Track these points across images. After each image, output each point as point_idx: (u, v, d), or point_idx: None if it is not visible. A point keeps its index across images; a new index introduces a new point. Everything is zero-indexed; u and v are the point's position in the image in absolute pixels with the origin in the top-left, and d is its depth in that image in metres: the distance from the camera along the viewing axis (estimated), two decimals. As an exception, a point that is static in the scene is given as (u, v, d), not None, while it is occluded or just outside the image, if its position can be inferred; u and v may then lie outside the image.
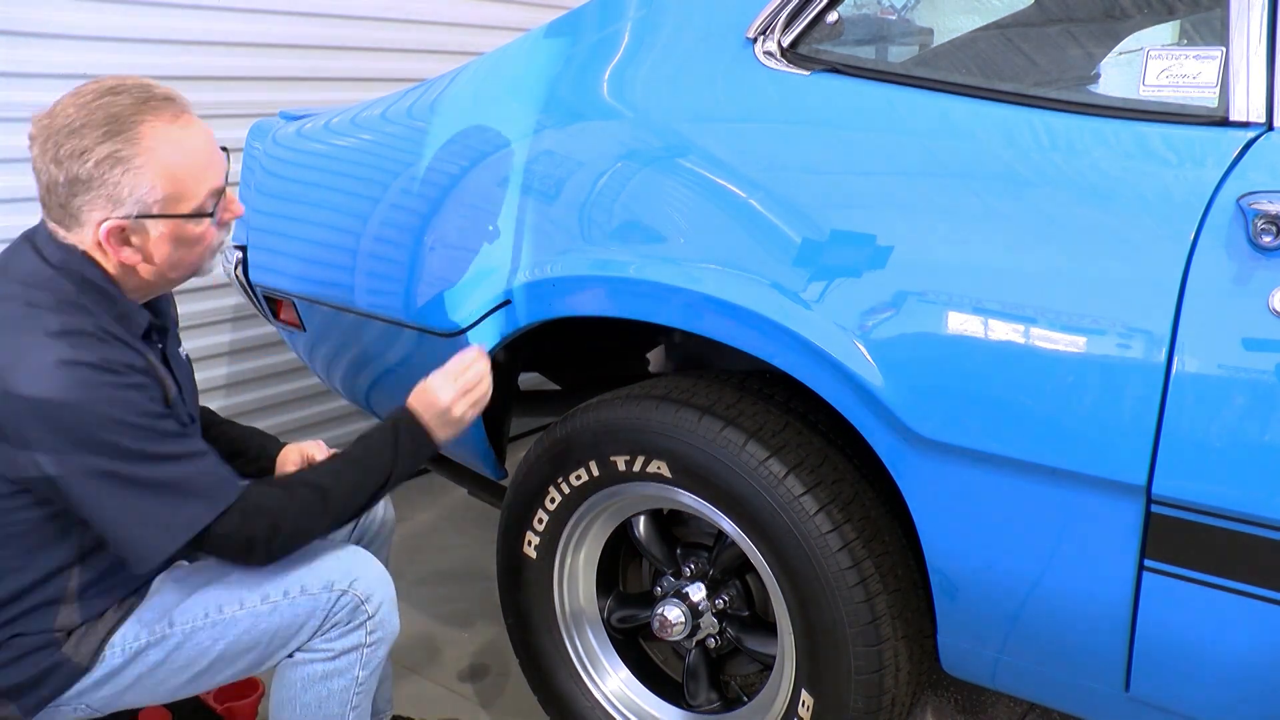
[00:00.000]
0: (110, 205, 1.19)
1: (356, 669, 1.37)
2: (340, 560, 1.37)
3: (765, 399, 1.44)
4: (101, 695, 1.31)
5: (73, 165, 1.17)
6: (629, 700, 1.69)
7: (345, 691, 1.37)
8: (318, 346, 2.02)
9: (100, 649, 1.28)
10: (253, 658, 1.34)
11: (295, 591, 1.32)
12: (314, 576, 1.33)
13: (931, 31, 1.59)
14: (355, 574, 1.35)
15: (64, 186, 1.19)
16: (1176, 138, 1.11)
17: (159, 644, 1.30)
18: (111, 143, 1.17)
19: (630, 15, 1.56)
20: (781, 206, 1.30)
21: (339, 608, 1.34)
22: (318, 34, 2.58)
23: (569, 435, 1.55)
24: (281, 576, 1.33)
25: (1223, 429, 1.02)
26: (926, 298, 1.18)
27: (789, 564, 1.35)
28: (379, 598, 1.37)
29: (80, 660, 1.27)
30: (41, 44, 2.09)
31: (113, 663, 1.29)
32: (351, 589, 1.34)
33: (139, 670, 1.31)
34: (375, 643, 1.38)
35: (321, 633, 1.34)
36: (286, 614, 1.32)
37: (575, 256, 1.47)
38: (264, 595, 1.32)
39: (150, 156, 1.18)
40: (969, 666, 1.34)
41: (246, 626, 1.31)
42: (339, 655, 1.35)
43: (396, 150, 1.77)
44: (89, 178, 1.17)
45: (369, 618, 1.36)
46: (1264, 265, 1.01)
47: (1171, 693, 1.15)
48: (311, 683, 1.36)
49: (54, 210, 1.22)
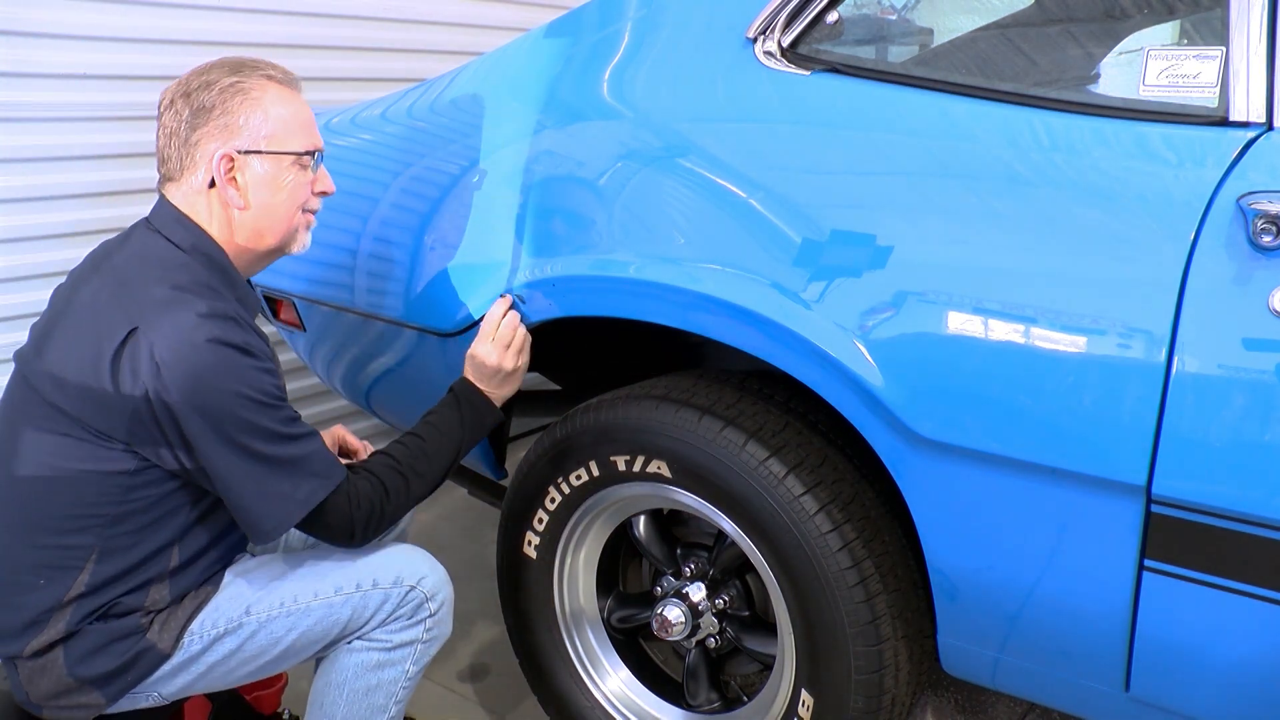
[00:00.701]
0: (226, 134, 1.30)
1: (408, 663, 1.42)
2: (409, 557, 1.43)
3: (765, 399, 1.44)
4: (176, 684, 1.35)
5: (199, 95, 1.30)
6: (629, 700, 1.69)
7: (393, 684, 1.42)
8: (318, 346, 2.02)
9: (181, 635, 1.33)
10: (319, 647, 1.39)
11: (367, 584, 1.38)
12: (385, 570, 1.39)
13: (931, 31, 1.59)
14: (423, 572, 1.42)
15: (188, 121, 1.30)
16: (1176, 138, 1.11)
17: (235, 631, 1.35)
18: (235, 75, 1.31)
19: (630, 15, 1.56)
20: (781, 206, 1.30)
21: (406, 602, 1.39)
22: (318, 34, 2.58)
23: (569, 435, 1.55)
24: (353, 569, 1.39)
25: (1222, 429, 1.02)
26: (926, 298, 1.18)
27: (789, 564, 1.35)
28: (442, 597, 1.43)
29: (164, 647, 1.32)
30: (41, 44, 2.09)
31: (191, 649, 1.34)
32: (419, 585, 1.40)
33: (214, 657, 1.35)
34: (430, 640, 1.43)
35: (384, 624, 1.39)
36: (358, 605, 1.37)
37: (575, 256, 1.47)
38: (337, 587, 1.37)
39: (265, 93, 1.32)
40: (969, 666, 1.34)
41: (320, 616, 1.36)
42: (396, 648, 1.40)
43: (396, 150, 1.77)
44: (211, 105, 1.30)
45: (430, 615, 1.41)
46: (1264, 265, 1.01)
47: (1171, 693, 1.15)
48: (364, 670, 1.40)
49: (171, 162, 1.34)
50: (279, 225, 1.36)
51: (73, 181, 2.20)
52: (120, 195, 2.26)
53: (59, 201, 2.18)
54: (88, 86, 2.17)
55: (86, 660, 1.28)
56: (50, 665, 1.28)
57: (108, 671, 1.29)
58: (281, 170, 1.33)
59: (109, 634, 1.29)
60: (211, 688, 1.40)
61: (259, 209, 1.33)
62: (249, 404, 1.24)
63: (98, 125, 2.21)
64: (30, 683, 1.30)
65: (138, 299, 1.25)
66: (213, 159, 1.30)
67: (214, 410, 1.22)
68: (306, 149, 1.36)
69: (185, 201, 1.33)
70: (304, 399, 2.76)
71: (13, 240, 2.13)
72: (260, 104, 1.31)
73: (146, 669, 1.32)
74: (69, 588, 1.28)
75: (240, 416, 1.23)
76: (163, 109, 1.34)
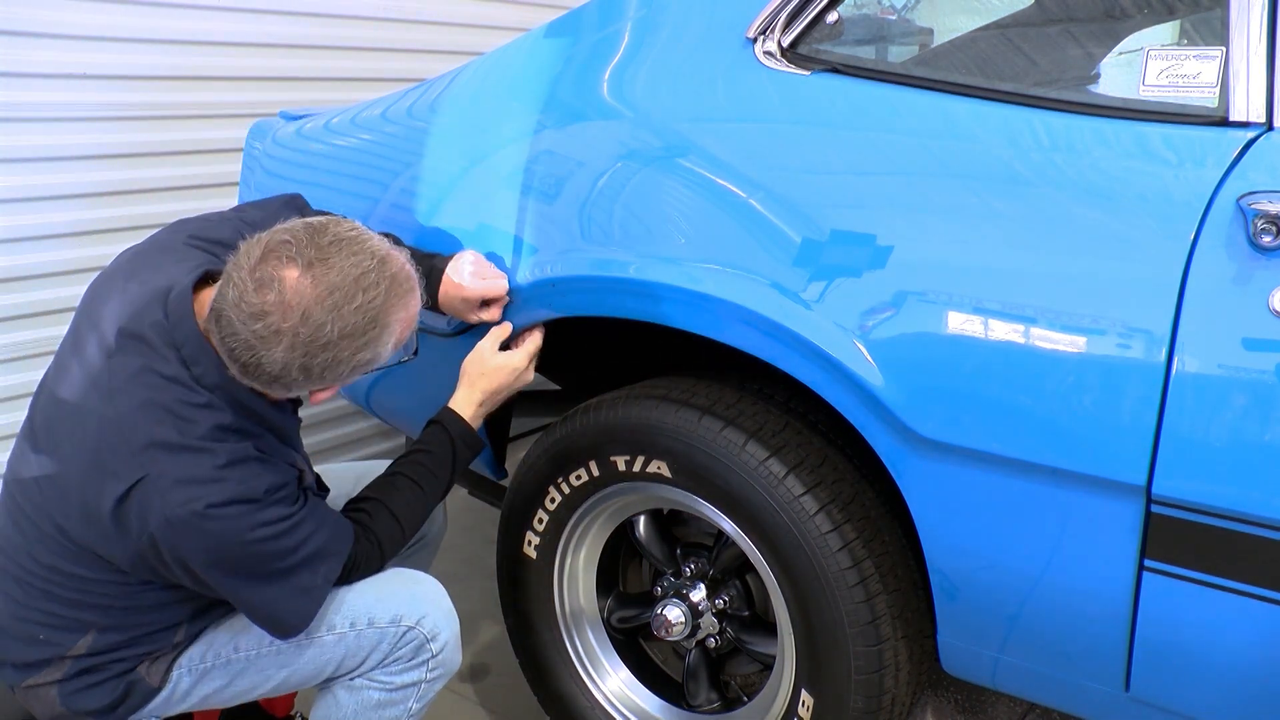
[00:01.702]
0: (339, 382, 1.20)
1: (411, 701, 1.36)
2: (411, 593, 1.36)
3: (765, 399, 1.44)
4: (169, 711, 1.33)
5: (322, 371, 1.15)
6: (629, 700, 1.69)
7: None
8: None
9: (169, 671, 1.31)
10: (312, 683, 1.36)
11: (363, 624, 1.32)
12: (383, 609, 1.33)
13: (931, 31, 1.59)
14: (424, 610, 1.35)
15: (300, 382, 1.16)
16: (1176, 138, 1.11)
17: (224, 667, 1.32)
18: (367, 350, 1.16)
19: (630, 15, 1.56)
20: (781, 206, 1.30)
21: (404, 643, 1.33)
22: (318, 34, 2.58)
23: (569, 435, 1.55)
24: (350, 607, 1.32)
25: (1222, 429, 1.02)
26: (926, 298, 1.18)
27: (789, 564, 1.35)
28: (445, 636, 1.36)
29: (151, 681, 1.29)
30: (41, 44, 2.09)
31: (180, 683, 1.31)
32: (419, 626, 1.33)
33: (204, 692, 1.33)
34: (434, 679, 1.37)
35: (383, 665, 1.33)
36: (352, 645, 1.32)
37: (575, 256, 1.47)
38: (330, 626, 1.31)
39: (394, 338, 1.19)
40: (969, 666, 1.34)
41: (311, 656, 1.32)
42: (398, 689, 1.34)
43: (397, 150, 1.77)
44: (339, 376, 1.17)
45: (432, 656, 1.35)
46: (1264, 265, 1.01)
47: (1171, 693, 1.15)
48: (364, 709, 1.35)
49: (260, 376, 1.14)
50: None
51: (73, 181, 2.20)
52: (120, 195, 2.26)
53: (59, 201, 2.18)
54: (88, 86, 2.17)
55: (78, 695, 1.27)
56: (44, 697, 1.28)
57: (99, 707, 1.28)
58: None
59: (101, 675, 1.28)
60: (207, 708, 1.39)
61: None
62: (263, 543, 1.18)
63: (98, 125, 2.21)
64: (28, 704, 1.30)
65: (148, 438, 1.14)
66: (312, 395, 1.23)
67: (228, 559, 1.17)
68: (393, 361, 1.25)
69: None
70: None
71: (13, 240, 2.13)
72: (388, 345, 1.19)
73: (138, 703, 1.30)
74: (68, 648, 1.26)
75: (255, 557, 1.18)
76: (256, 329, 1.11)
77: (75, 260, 2.19)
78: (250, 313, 1.10)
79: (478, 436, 1.47)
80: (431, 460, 1.43)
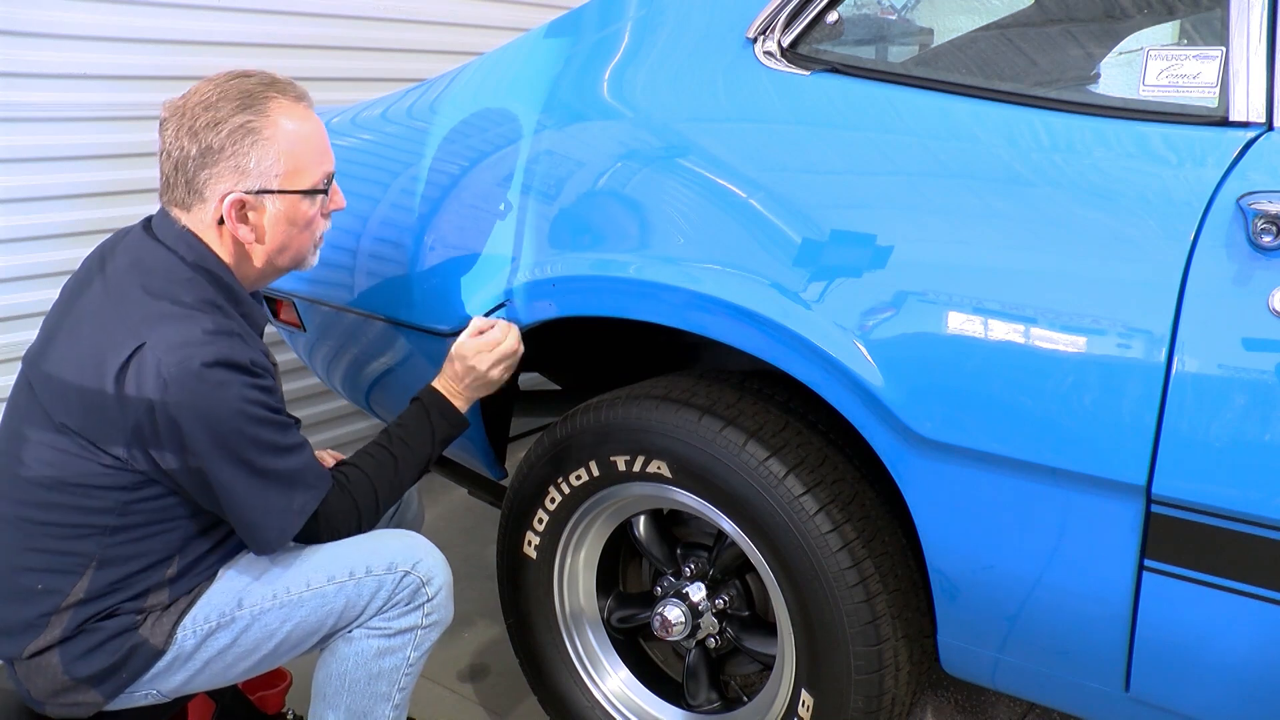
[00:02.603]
0: (236, 176, 1.28)
1: (409, 649, 1.40)
2: (403, 542, 1.41)
3: (765, 399, 1.44)
4: (174, 680, 1.34)
5: (207, 135, 1.26)
6: (629, 700, 1.69)
7: (395, 671, 1.39)
8: (318, 347, 2.02)
9: (173, 631, 1.32)
10: (317, 639, 1.37)
11: (360, 572, 1.35)
12: (378, 558, 1.37)
13: (931, 31, 1.59)
14: (418, 556, 1.39)
15: (195, 159, 1.27)
16: (1176, 138, 1.11)
17: (229, 626, 1.34)
18: (244, 114, 1.26)
19: (630, 15, 1.56)
20: (781, 206, 1.30)
21: (402, 588, 1.37)
22: (318, 34, 2.58)
23: (569, 435, 1.55)
24: (346, 557, 1.37)
25: (1223, 429, 1.02)
26: (926, 298, 1.18)
27: (789, 564, 1.35)
28: (439, 581, 1.40)
29: (156, 642, 1.31)
30: (41, 44, 2.09)
31: (184, 645, 1.32)
32: (415, 570, 1.38)
33: (209, 652, 1.34)
34: (431, 625, 1.41)
35: (382, 611, 1.37)
36: (352, 594, 1.35)
37: (575, 256, 1.47)
38: (330, 576, 1.35)
39: (277, 130, 1.28)
40: (969, 666, 1.34)
41: (314, 607, 1.34)
42: (395, 634, 1.38)
43: (396, 150, 1.77)
44: (220, 147, 1.26)
45: (428, 600, 1.39)
46: (1264, 265, 1.01)
47: (1171, 693, 1.15)
48: (366, 659, 1.38)
49: (178, 190, 1.30)
50: (291, 253, 1.37)
51: (73, 181, 2.19)
52: (120, 195, 2.26)
53: (59, 201, 2.18)
54: (88, 86, 2.17)
55: (81, 660, 1.28)
56: (46, 666, 1.29)
57: (102, 669, 1.29)
58: (295, 205, 1.32)
59: (103, 633, 1.29)
60: (212, 684, 1.39)
61: (272, 242, 1.33)
62: (252, 421, 1.25)
63: (98, 125, 2.21)
64: (29, 681, 1.30)
65: (143, 313, 1.24)
66: (223, 201, 1.28)
67: (219, 427, 1.23)
68: (320, 182, 1.34)
69: (193, 225, 1.31)
70: (304, 399, 2.76)
71: (13, 240, 2.13)
72: (273, 142, 1.28)
73: (141, 665, 1.31)
74: (67, 594, 1.27)
75: (244, 432, 1.24)
76: (164, 134, 1.30)
77: (75, 260, 2.14)
78: None
79: (456, 410, 1.50)
80: (406, 432, 1.48)
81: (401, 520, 1.69)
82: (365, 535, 1.41)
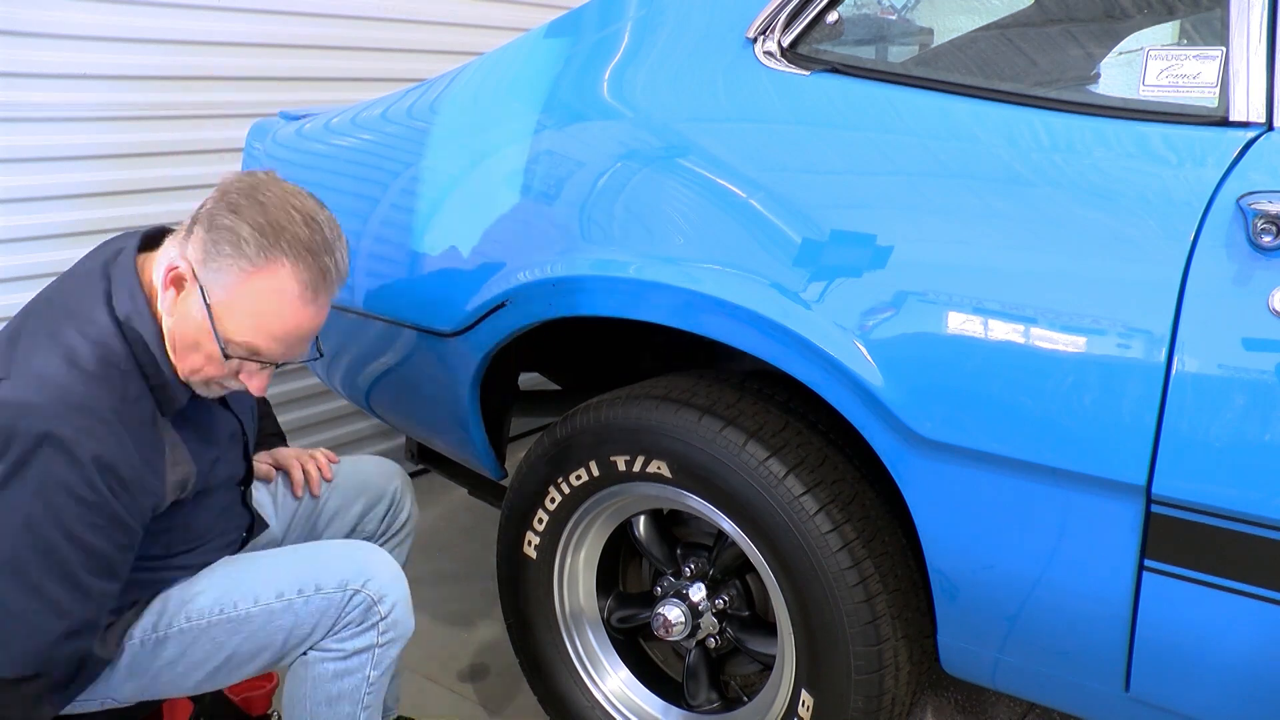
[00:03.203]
0: (203, 257, 1.19)
1: (368, 669, 1.38)
2: (355, 559, 1.38)
3: (765, 399, 1.44)
4: (127, 689, 1.33)
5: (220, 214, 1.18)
6: (629, 700, 1.69)
7: (356, 691, 1.38)
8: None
9: (122, 639, 1.30)
10: (268, 656, 1.35)
11: (310, 590, 1.34)
12: (329, 574, 1.35)
13: (931, 31, 1.59)
14: (370, 573, 1.36)
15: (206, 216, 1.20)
16: (1176, 138, 1.11)
17: (176, 637, 1.32)
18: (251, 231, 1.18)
19: (630, 15, 1.56)
20: (781, 206, 1.30)
21: (352, 607, 1.35)
22: (318, 34, 2.58)
23: (569, 435, 1.55)
24: (296, 573, 1.35)
25: (1222, 429, 1.02)
26: (926, 298, 1.18)
27: (789, 564, 1.35)
28: (393, 598, 1.37)
29: (104, 652, 1.29)
30: (41, 44, 2.09)
31: (132, 653, 1.31)
32: (365, 589, 1.35)
33: (159, 663, 1.32)
34: (388, 643, 1.39)
35: (334, 632, 1.35)
36: (300, 612, 1.33)
37: (575, 256, 1.47)
38: (278, 593, 1.33)
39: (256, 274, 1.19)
40: (969, 666, 1.34)
41: (261, 624, 1.33)
42: (351, 655, 1.36)
43: (396, 150, 1.77)
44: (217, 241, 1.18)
45: (381, 619, 1.37)
46: (1264, 265, 1.01)
47: (1171, 693, 1.15)
48: (323, 681, 1.37)
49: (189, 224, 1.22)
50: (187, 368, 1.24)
51: (73, 181, 2.19)
52: (120, 195, 2.26)
53: (59, 201, 2.18)
54: (88, 86, 2.17)
55: None
56: None
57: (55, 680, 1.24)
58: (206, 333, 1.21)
59: None
60: (169, 693, 1.38)
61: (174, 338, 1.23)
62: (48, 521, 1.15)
63: (98, 125, 2.21)
64: None
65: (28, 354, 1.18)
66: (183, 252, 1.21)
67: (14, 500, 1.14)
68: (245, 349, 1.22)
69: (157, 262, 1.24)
70: (304, 399, 2.76)
71: (13, 240, 2.13)
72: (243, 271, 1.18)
73: (91, 674, 1.28)
74: None
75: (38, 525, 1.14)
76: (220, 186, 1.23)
77: (75, 260, 2.19)
78: None
79: None
80: None
81: (393, 522, 1.68)
82: (320, 547, 1.40)
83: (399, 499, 1.68)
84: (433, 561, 2.52)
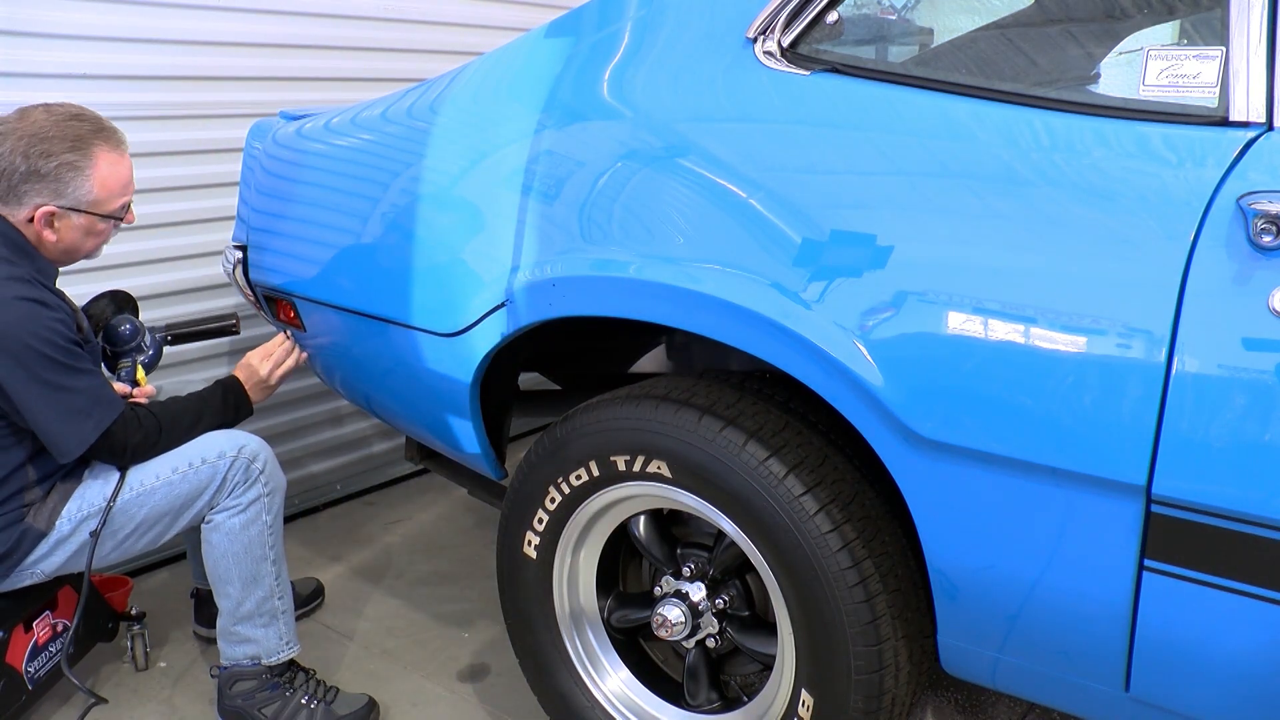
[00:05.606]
0: (53, 195, 1.62)
1: (264, 514, 1.80)
2: (228, 435, 1.81)
3: (765, 399, 1.44)
4: (54, 561, 1.70)
5: (36, 161, 1.59)
6: (629, 700, 1.69)
7: (261, 534, 1.80)
8: (317, 346, 2.02)
9: (54, 518, 1.68)
10: (171, 519, 1.75)
11: (197, 462, 1.75)
12: (210, 449, 1.77)
13: (931, 31, 1.59)
14: (240, 441, 1.79)
15: (21, 174, 1.59)
16: (1176, 138, 1.11)
17: (98, 514, 1.69)
18: (72, 154, 1.61)
19: (630, 15, 1.56)
20: (781, 207, 1.30)
21: (234, 469, 1.77)
22: (318, 34, 2.58)
23: (569, 435, 1.55)
24: (186, 453, 1.76)
25: (1223, 429, 1.02)
26: (926, 298, 1.18)
27: (789, 564, 1.35)
28: (263, 456, 1.80)
29: (41, 527, 1.68)
30: (41, 44, 2.09)
31: (62, 530, 1.69)
32: (240, 453, 1.78)
33: (82, 536, 1.69)
34: (271, 491, 1.81)
35: (227, 491, 1.77)
36: (193, 480, 1.74)
37: (575, 256, 1.47)
38: (174, 468, 1.74)
39: (96, 166, 1.64)
40: (969, 666, 1.34)
41: (165, 493, 1.73)
42: (247, 507, 1.78)
43: (396, 150, 1.77)
44: (46, 173, 1.60)
45: (261, 472, 1.79)
46: (1264, 265, 1.01)
47: (1171, 693, 1.15)
48: (234, 534, 1.78)
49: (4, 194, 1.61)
50: (82, 252, 1.72)
51: (72, 181, 2.20)
52: (120, 195, 2.26)
53: (59, 201, 2.18)
54: (88, 86, 2.17)
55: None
56: None
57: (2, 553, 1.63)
58: (94, 223, 1.67)
59: None
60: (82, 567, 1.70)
61: (69, 244, 1.67)
62: (47, 344, 1.55)
63: (97, 125, 2.21)
64: None
65: None
66: (37, 209, 1.61)
67: (18, 352, 1.54)
68: (117, 210, 1.69)
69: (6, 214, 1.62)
70: (304, 399, 2.76)
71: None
72: (90, 177, 1.62)
73: (29, 547, 1.66)
74: None
75: (41, 355, 1.55)
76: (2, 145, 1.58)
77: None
78: None
79: (247, 398, 1.91)
80: (201, 401, 1.85)
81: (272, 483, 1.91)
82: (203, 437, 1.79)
83: None
84: (433, 561, 2.52)
